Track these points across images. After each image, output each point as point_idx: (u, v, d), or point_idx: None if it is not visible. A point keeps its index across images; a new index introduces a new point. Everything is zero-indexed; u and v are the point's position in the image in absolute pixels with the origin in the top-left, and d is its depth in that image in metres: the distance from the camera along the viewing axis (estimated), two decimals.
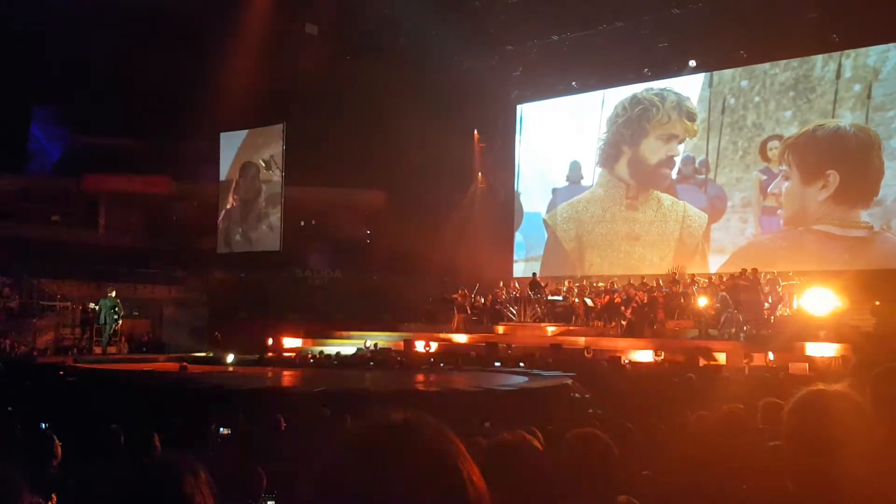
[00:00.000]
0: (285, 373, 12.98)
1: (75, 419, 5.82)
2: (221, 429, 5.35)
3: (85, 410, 6.82)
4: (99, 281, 20.36)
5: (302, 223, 22.91)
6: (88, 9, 17.58)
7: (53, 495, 2.66)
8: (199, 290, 21.71)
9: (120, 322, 17.43)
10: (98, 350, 17.24)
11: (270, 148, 22.25)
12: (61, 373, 11.69)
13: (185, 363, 13.19)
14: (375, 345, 16.76)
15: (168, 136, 20.93)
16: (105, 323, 17.27)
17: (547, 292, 18.37)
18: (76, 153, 22.37)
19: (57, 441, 4.18)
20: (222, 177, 23.53)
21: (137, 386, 9.98)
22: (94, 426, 5.30)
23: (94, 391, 9.29)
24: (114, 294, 17.41)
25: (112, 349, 17.17)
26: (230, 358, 14.96)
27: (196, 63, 18.12)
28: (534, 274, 19.13)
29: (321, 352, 16.45)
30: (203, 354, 16.15)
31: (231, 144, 23.62)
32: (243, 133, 23.33)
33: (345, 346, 16.99)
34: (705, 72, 18.94)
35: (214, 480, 1.60)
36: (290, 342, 18.32)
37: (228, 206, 23.46)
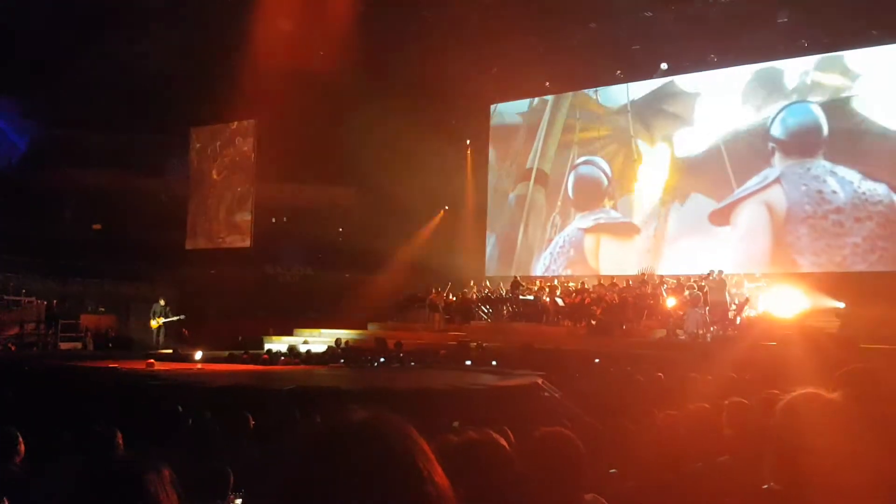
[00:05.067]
0: (254, 370, 12.86)
1: (38, 416, 5.71)
2: (189, 426, 5.27)
3: (48, 408, 6.70)
4: (64, 276, 20.01)
5: (273, 220, 22.73)
6: None
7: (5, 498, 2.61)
8: (168, 286, 21.42)
9: (160, 322, 18.24)
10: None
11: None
12: (26, 368, 11.47)
13: (151, 360, 13.00)
14: (347, 342, 16.69)
15: (137, 129, 20.63)
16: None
17: (521, 292, 18.51)
18: (43, 146, 21.95)
19: (20, 438, 4.11)
20: (191, 172, 23.27)
21: (102, 383, 9.82)
22: (57, 424, 5.21)
23: (58, 388, 9.12)
24: (163, 302, 18.45)
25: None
26: (198, 355, 14.79)
27: (167, 56, 17.87)
28: (515, 276, 19.29)
29: (291, 349, 16.34)
30: (170, 351, 15.93)
31: (201, 139, 23.37)
32: (214, 128, 23.09)
33: (315, 344, 16.89)
34: (675, 75, 19.18)
35: (179, 479, 1.58)
36: (261, 339, 18.15)
37: (198, 201, 23.19)
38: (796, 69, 17.70)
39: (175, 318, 18.25)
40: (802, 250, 17.02)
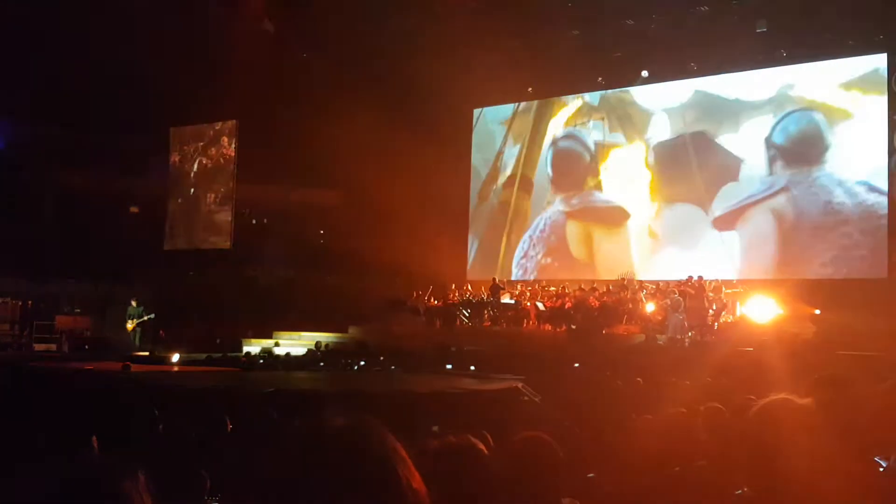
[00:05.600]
0: (232, 373, 12.78)
1: (11, 419, 5.63)
2: (165, 429, 5.23)
3: (22, 410, 6.60)
4: (39, 276, 19.75)
5: (254, 221, 22.60)
6: None
7: None
8: (145, 287, 21.21)
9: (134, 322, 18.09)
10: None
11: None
12: None
13: (128, 362, 12.86)
14: (328, 345, 16.63)
15: (116, 129, 20.42)
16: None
17: (502, 295, 18.52)
18: (21, 145, 21.68)
19: None
20: (171, 172, 23.07)
21: (77, 385, 9.71)
22: (31, 427, 5.14)
23: (33, 390, 9.00)
24: (135, 303, 18.26)
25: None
26: (175, 357, 14.67)
27: (147, 56, 17.73)
28: (493, 278, 19.26)
29: (268, 352, 16.26)
30: (147, 354, 15.78)
31: (181, 139, 23.19)
32: (194, 128, 22.92)
33: (295, 347, 16.81)
34: (656, 82, 19.32)
35: (154, 482, 1.57)
36: (240, 342, 18.03)
37: (177, 202, 23.00)
38: (774, 79, 17.87)
39: (146, 318, 18.04)
40: (811, 259, 16.87)
